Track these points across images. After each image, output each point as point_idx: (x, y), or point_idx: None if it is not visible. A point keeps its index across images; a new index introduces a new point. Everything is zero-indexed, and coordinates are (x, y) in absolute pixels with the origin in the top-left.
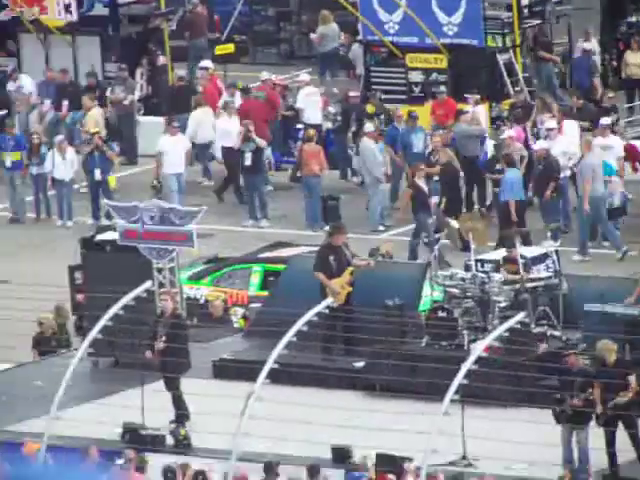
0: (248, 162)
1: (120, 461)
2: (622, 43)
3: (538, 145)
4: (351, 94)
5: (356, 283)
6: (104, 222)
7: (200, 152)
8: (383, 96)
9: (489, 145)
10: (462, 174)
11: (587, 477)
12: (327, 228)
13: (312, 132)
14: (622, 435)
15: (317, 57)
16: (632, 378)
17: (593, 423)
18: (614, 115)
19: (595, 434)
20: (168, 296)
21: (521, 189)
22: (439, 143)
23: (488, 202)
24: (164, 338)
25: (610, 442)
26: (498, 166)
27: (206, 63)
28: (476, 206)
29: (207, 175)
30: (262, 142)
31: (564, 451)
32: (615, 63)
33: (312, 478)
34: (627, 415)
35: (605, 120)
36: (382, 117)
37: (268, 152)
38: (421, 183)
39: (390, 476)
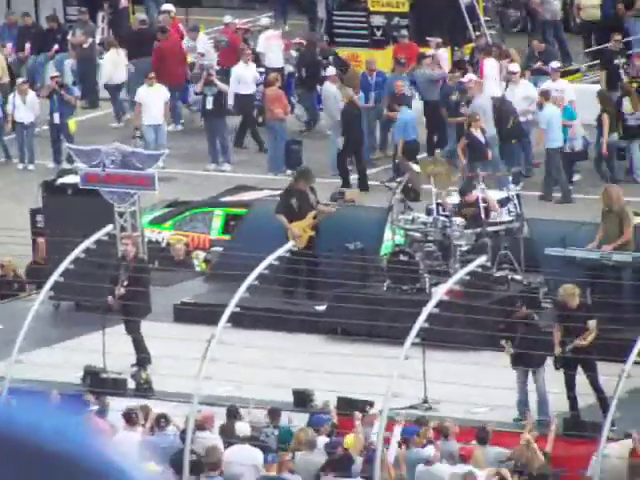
0: (209, 106)
1: (94, 407)
2: None
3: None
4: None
5: (318, 227)
6: (65, 166)
7: (113, 94)
8: (345, 39)
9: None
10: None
11: (548, 419)
12: (290, 172)
13: (274, 76)
14: (583, 379)
15: None
16: (592, 322)
17: (551, 367)
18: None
19: (554, 379)
20: (129, 240)
21: (414, 129)
22: (402, 88)
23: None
24: (126, 282)
25: (570, 386)
26: (462, 109)
27: (167, 6)
28: (437, 150)
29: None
30: (223, 86)
31: (520, 394)
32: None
33: (273, 421)
34: (586, 359)
35: (554, 64)
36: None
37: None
38: (477, 133)
39: (356, 413)
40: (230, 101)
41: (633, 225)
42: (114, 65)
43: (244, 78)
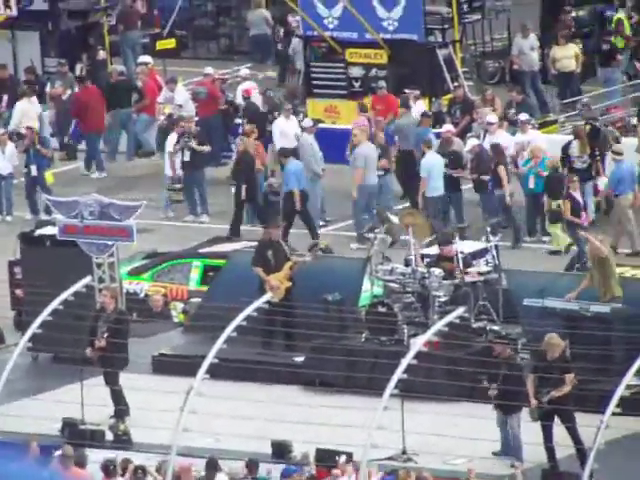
0: (187, 158)
1: (58, 452)
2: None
3: (469, 144)
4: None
5: (296, 278)
6: (44, 217)
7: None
8: (323, 91)
9: None
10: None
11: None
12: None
13: (250, 127)
14: (562, 430)
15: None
16: (569, 376)
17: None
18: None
19: (532, 429)
20: (108, 292)
21: (304, 178)
22: (382, 138)
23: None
24: (106, 334)
25: (547, 437)
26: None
27: (145, 58)
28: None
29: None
30: (202, 149)
31: (502, 434)
32: None
33: (251, 473)
34: (563, 410)
35: (523, 116)
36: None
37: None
38: (576, 195)
39: (335, 471)
40: None
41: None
42: (23, 113)
43: (285, 132)
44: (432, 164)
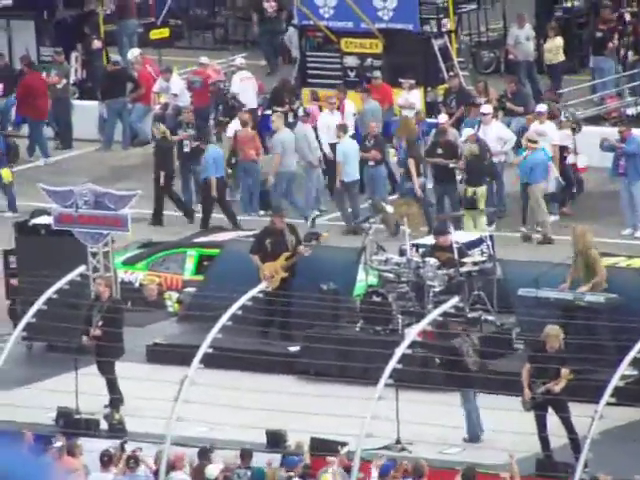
0: (187, 149)
1: (58, 444)
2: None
3: (465, 134)
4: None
5: (294, 269)
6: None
7: None
8: (319, 80)
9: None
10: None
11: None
12: (262, 213)
13: (246, 116)
14: (557, 420)
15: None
16: (565, 371)
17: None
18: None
19: (527, 419)
20: (103, 281)
21: (222, 166)
22: (375, 128)
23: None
24: (101, 323)
25: (541, 427)
26: (439, 150)
27: (134, 51)
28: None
29: None
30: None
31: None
32: None
33: (245, 462)
34: (557, 400)
35: (541, 107)
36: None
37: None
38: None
39: (330, 458)
40: (326, 150)
41: (602, 264)
42: None
43: (332, 127)
44: (347, 149)
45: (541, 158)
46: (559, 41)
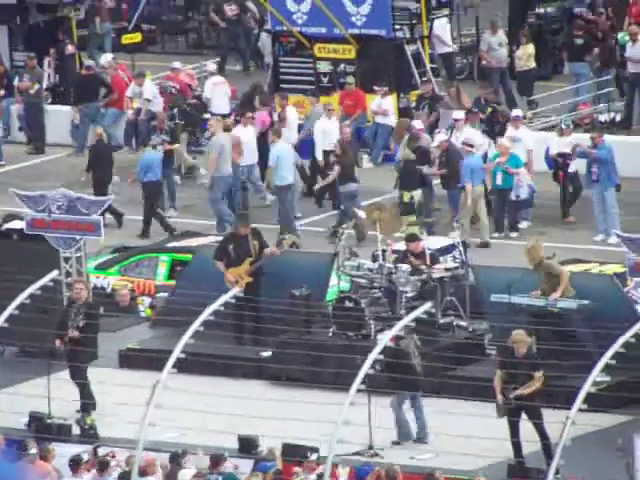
0: (160, 154)
1: (33, 450)
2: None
3: (437, 140)
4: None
5: (260, 273)
6: None
7: None
8: (292, 86)
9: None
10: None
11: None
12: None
13: (229, 122)
14: (529, 425)
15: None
16: (538, 374)
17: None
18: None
19: (498, 424)
20: (83, 285)
21: (157, 170)
22: (348, 135)
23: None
24: (82, 323)
25: (514, 432)
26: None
27: (107, 56)
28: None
29: None
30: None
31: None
32: None
33: (215, 467)
34: (530, 406)
35: (517, 112)
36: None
37: None
38: None
39: (296, 468)
40: (318, 156)
41: (560, 269)
42: None
43: (328, 132)
44: (280, 153)
45: (476, 162)
46: (530, 48)
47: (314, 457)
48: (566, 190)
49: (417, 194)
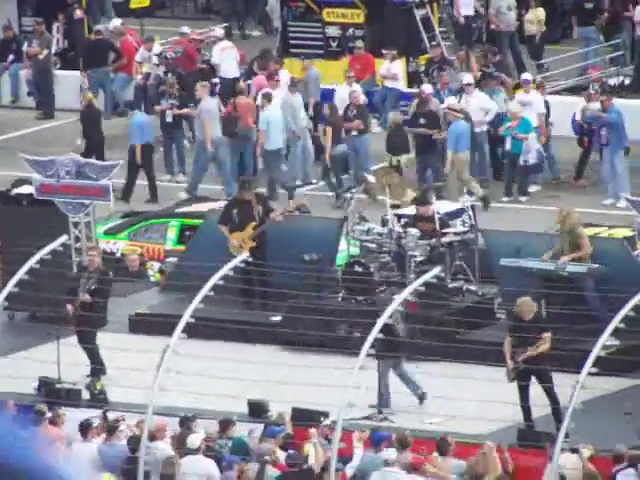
0: (169, 119)
1: (48, 414)
2: None
3: (447, 102)
4: None
5: (273, 237)
6: None
7: None
8: (300, 50)
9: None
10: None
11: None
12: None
13: (244, 85)
14: (538, 390)
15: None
16: (547, 335)
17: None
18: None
19: (509, 389)
20: (96, 251)
21: (149, 133)
22: (358, 98)
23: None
24: (94, 287)
25: (523, 396)
26: (421, 120)
27: (115, 21)
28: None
29: None
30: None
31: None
32: None
33: (224, 432)
34: (540, 369)
35: (527, 75)
36: None
37: None
38: None
39: (311, 430)
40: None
41: (587, 241)
42: None
43: (344, 98)
44: (270, 118)
45: (462, 128)
46: (541, 12)
47: (328, 422)
48: (588, 155)
49: (403, 159)
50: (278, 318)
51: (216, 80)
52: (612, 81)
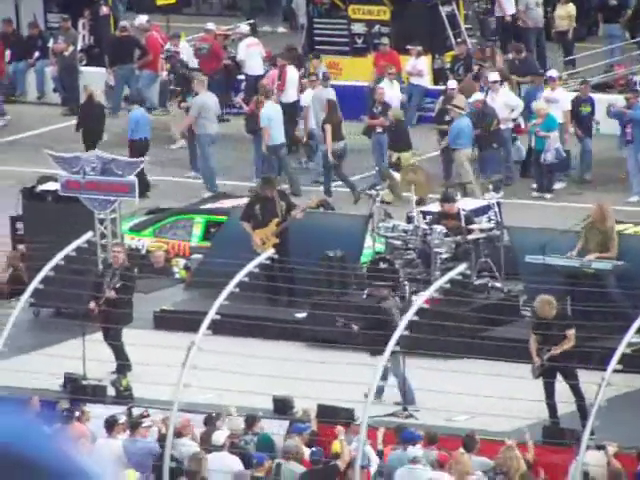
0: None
1: (77, 412)
2: None
3: (473, 98)
4: None
5: (298, 234)
6: None
7: None
8: (326, 47)
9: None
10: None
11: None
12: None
13: (265, 82)
14: (563, 387)
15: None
16: (571, 332)
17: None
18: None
19: (534, 385)
20: (122, 248)
21: (145, 128)
22: (382, 95)
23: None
24: (118, 285)
25: (549, 393)
26: (447, 117)
27: (141, 18)
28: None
29: None
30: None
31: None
32: None
33: (250, 428)
34: (566, 366)
35: (553, 72)
36: None
37: None
38: None
39: (339, 427)
40: None
41: (617, 244)
42: None
43: (390, 98)
44: (271, 114)
45: (465, 124)
46: (571, 7)
47: (359, 421)
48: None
49: (404, 156)
50: (303, 315)
51: (241, 77)
52: (638, 78)
